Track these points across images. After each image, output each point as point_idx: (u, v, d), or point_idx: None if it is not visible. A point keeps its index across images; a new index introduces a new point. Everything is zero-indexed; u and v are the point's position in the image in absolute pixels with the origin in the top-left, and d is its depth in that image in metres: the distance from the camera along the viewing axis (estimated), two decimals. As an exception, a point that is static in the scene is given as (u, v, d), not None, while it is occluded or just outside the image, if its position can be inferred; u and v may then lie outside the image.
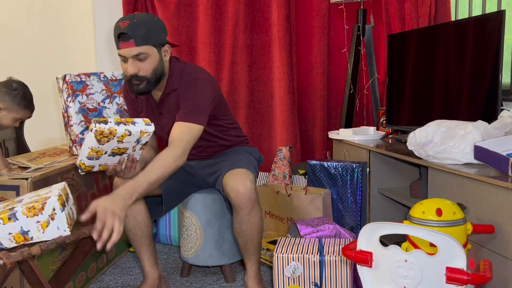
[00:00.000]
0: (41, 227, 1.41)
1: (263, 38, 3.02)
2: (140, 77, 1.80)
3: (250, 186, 1.78)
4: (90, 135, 1.54)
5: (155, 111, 1.96)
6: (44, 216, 1.40)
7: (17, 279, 1.69)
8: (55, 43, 3.33)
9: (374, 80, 2.90)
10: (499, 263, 1.43)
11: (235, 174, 1.81)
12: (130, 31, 1.73)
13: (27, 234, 1.40)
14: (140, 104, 1.99)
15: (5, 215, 1.38)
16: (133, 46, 1.75)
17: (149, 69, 1.80)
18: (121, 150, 1.64)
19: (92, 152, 1.57)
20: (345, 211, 2.37)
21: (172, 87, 1.89)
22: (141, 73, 1.79)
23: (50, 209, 1.41)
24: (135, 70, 1.78)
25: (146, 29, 1.76)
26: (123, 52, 1.77)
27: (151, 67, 1.80)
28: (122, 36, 1.75)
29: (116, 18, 3.07)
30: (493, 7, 2.46)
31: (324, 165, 2.40)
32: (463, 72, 2.01)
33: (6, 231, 1.38)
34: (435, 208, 1.38)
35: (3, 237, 1.39)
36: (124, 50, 1.76)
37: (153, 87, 1.85)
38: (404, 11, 2.75)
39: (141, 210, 1.91)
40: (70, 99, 2.14)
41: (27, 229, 1.40)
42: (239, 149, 2.10)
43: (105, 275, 2.21)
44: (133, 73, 1.78)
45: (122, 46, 1.76)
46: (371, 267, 1.26)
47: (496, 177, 1.45)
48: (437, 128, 1.72)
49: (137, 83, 1.81)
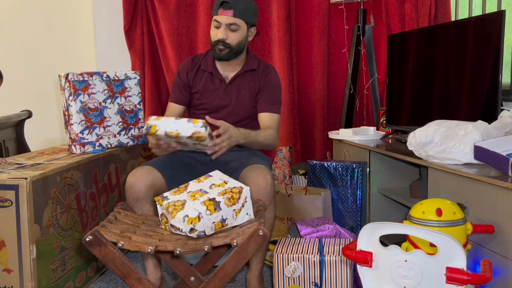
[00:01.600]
0: (235, 214, 1.55)
1: (263, 38, 3.02)
2: (226, 43, 2.03)
3: (270, 181, 1.83)
4: (189, 129, 1.67)
5: (221, 87, 2.14)
6: (239, 204, 1.55)
7: (17, 279, 1.69)
8: (55, 43, 3.33)
9: (374, 80, 2.90)
10: (499, 263, 1.43)
11: (256, 168, 1.86)
12: (232, 2, 1.99)
13: (224, 222, 1.53)
14: (198, 80, 2.16)
15: (212, 206, 1.49)
16: (231, 16, 2.01)
17: (235, 40, 2.04)
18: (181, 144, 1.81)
19: (172, 134, 1.70)
20: (345, 211, 2.36)
21: (250, 66, 2.13)
22: (228, 40, 2.03)
23: (244, 197, 1.56)
24: (224, 36, 2.02)
25: (245, 6, 2.03)
26: (220, 18, 2.01)
27: (238, 38, 2.05)
28: (224, 4, 1.99)
29: (116, 18, 3.08)
30: (493, 7, 2.46)
31: (324, 165, 2.40)
32: (463, 72, 2.01)
33: (211, 221, 1.50)
34: (435, 208, 1.38)
35: (207, 226, 1.49)
36: (222, 17, 2.01)
37: (233, 56, 2.08)
38: (404, 11, 2.75)
39: (150, 211, 1.91)
40: (72, 98, 2.14)
41: (226, 217, 1.53)
42: (254, 150, 2.15)
43: (105, 275, 2.21)
44: (222, 38, 2.02)
45: (221, 13, 2.01)
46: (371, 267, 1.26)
47: (496, 177, 1.45)
48: (437, 128, 1.72)
49: (222, 48, 2.04)
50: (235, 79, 2.13)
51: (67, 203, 1.92)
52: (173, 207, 1.50)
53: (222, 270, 1.45)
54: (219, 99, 2.13)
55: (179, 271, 1.67)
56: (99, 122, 2.23)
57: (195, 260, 1.90)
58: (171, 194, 1.59)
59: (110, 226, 1.56)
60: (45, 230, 1.75)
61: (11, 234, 1.67)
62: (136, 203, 1.84)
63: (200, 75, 2.18)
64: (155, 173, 1.89)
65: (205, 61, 2.18)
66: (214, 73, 2.14)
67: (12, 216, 1.67)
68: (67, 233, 1.92)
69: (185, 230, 1.47)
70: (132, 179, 1.85)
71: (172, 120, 1.70)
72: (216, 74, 2.14)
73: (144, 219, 1.71)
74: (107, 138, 2.26)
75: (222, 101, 2.13)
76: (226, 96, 2.13)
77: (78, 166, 1.99)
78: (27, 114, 2.82)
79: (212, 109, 2.14)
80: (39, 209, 1.72)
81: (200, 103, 2.17)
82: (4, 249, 1.68)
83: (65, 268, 1.90)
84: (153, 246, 1.40)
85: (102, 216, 2.20)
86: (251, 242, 1.41)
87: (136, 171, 1.88)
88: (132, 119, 2.35)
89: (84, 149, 2.18)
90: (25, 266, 1.68)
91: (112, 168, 2.29)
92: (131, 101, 2.34)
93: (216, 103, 2.13)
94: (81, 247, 2.01)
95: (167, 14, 3.00)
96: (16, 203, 1.66)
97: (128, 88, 2.33)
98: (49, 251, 1.78)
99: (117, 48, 3.12)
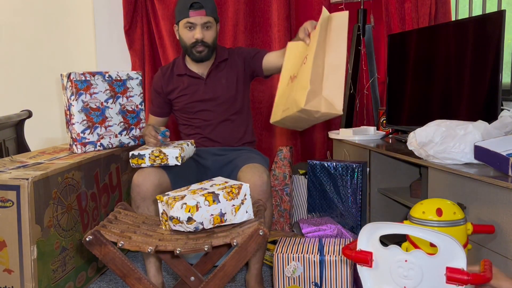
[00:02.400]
0: (234, 210, 1.55)
1: (263, 38, 3.01)
2: (205, 43, 2.08)
3: (266, 180, 1.85)
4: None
5: (199, 83, 2.17)
6: (238, 200, 1.55)
7: (18, 279, 1.69)
8: (55, 43, 3.33)
9: (374, 80, 2.90)
10: (499, 263, 1.44)
11: (252, 167, 1.88)
12: (202, 2, 2.03)
13: (223, 217, 1.53)
14: (175, 86, 2.19)
15: (210, 197, 1.50)
16: (204, 15, 2.05)
17: (211, 38, 2.09)
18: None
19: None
20: (345, 211, 2.37)
21: (222, 57, 2.17)
22: (206, 39, 2.08)
23: (243, 194, 1.56)
24: (202, 36, 2.06)
25: (213, 3, 2.09)
26: (194, 19, 2.04)
27: (212, 36, 2.10)
28: (195, 5, 2.03)
29: (116, 18, 3.08)
30: (493, 7, 2.46)
31: (324, 165, 2.40)
32: (463, 72, 2.01)
33: (210, 213, 1.50)
34: (435, 208, 1.38)
35: (206, 218, 1.50)
36: (195, 17, 2.04)
37: (211, 55, 2.13)
38: (404, 11, 2.75)
39: (155, 211, 1.92)
40: (74, 98, 2.14)
41: (224, 212, 1.53)
42: (252, 149, 2.20)
43: (105, 275, 2.22)
44: (201, 38, 2.06)
45: (193, 14, 2.04)
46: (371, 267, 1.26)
47: (496, 177, 1.45)
48: (437, 128, 1.72)
49: (201, 50, 2.08)
50: (210, 73, 2.17)
51: (68, 203, 1.92)
52: (173, 199, 1.51)
53: (222, 270, 1.45)
54: (201, 94, 2.17)
55: (179, 271, 1.67)
56: (100, 122, 2.23)
57: (195, 260, 1.90)
58: (172, 193, 1.60)
59: (110, 226, 1.57)
60: (46, 230, 1.76)
61: (12, 235, 1.67)
62: (143, 202, 1.85)
63: (176, 81, 2.20)
64: (162, 173, 1.90)
65: (177, 67, 2.21)
66: (190, 74, 2.17)
67: (13, 217, 1.67)
68: (68, 234, 1.92)
69: (183, 218, 1.47)
70: (139, 178, 1.86)
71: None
72: (192, 74, 2.17)
73: (144, 219, 1.72)
74: (108, 138, 2.26)
75: (205, 95, 2.16)
76: (207, 90, 2.16)
77: (79, 166, 1.99)
78: (27, 114, 2.82)
79: (197, 107, 2.17)
80: (40, 209, 1.72)
81: (183, 106, 2.19)
82: (5, 250, 1.68)
83: (66, 269, 1.90)
84: (153, 246, 1.40)
85: (103, 216, 2.21)
86: (251, 242, 1.42)
87: (143, 170, 1.89)
88: (133, 119, 2.35)
89: (85, 148, 2.18)
90: (26, 266, 1.68)
91: (113, 168, 2.30)
92: (133, 101, 2.35)
93: (200, 99, 2.16)
94: (82, 248, 2.01)
95: (167, 14, 3.00)
96: (17, 204, 1.66)
97: (130, 88, 2.33)
98: (50, 252, 1.79)
99: (117, 48, 3.12)
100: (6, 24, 3.32)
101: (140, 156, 1.87)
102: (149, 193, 1.84)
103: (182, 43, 2.13)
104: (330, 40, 1.62)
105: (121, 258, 1.45)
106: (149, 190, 1.84)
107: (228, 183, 1.60)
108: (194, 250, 1.40)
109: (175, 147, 1.91)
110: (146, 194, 1.84)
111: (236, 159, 2.07)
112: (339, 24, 1.63)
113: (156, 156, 1.88)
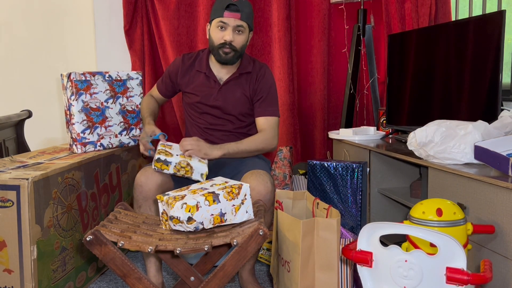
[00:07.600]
0: (235, 210, 1.54)
1: (263, 38, 3.02)
2: (233, 46, 2.04)
3: (271, 189, 1.84)
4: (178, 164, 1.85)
5: (215, 87, 2.14)
6: (238, 200, 1.54)
7: (18, 279, 1.69)
8: (55, 43, 3.33)
9: (374, 80, 2.90)
10: (499, 263, 1.44)
11: (257, 174, 1.86)
12: (240, 5, 2.01)
13: (223, 216, 1.53)
14: (191, 80, 2.17)
15: (210, 197, 1.50)
16: (238, 18, 2.01)
17: (240, 43, 2.06)
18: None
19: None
20: (345, 211, 2.37)
21: (245, 69, 2.13)
22: (234, 43, 2.04)
23: (243, 194, 1.56)
24: (232, 39, 2.02)
25: (250, 10, 2.06)
26: (228, 20, 2.01)
27: (242, 42, 2.06)
28: (231, 6, 2.00)
29: (116, 18, 3.08)
30: (493, 7, 2.46)
31: (324, 165, 2.40)
32: (463, 72, 2.01)
33: (210, 212, 1.50)
34: (435, 208, 1.38)
35: (206, 218, 1.50)
36: (229, 19, 2.01)
37: (236, 60, 2.09)
38: (404, 11, 2.75)
39: (156, 211, 1.92)
40: (74, 98, 2.14)
41: (225, 212, 1.52)
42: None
43: (105, 275, 2.22)
44: (230, 40, 2.02)
45: (227, 15, 2.01)
46: (371, 267, 1.26)
47: (496, 177, 1.45)
48: (437, 128, 1.72)
49: (228, 51, 2.04)
50: (229, 81, 2.13)
51: (68, 203, 1.92)
52: (173, 199, 1.50)
53: (222, 269, 1.45)
54: (212, 100, 2.13)
55: (179, 271, 1.67)
56: (100, 122, 2.23)
57: (195, 260, 1.91)
58: (172, 192, 1.60)
59: (111, 226, 1.57)
60: (46, 230, 1.76)
61: (12, 235, 1.67)
62: (145, 202, 1.85)
63: (193, 76, 2.18)
64: (164, 174, 1.90)
65: (199, 62, 2.18)
66: (209, 74, 2.15)
67: (13, 217, 1.67)
68: (68, 234, 1.92)
69: (183, 218, 1.47)
70: (142, 178, 1.86)
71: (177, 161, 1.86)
72: (210, 75, 2.15)
73: (144, 218, 1.72)
74: (108, 138, 2.26)
75: (215, 101, 2.13)
76: (219, 97, 2.13)
77: (79, 166, 1.99)
78: (27, 114, 2.82)
79: (204, 110, 2.16)
80: (40, 209, 1.72)
81: (193, 102, 2.18)
82: (5, 250, 1.68)
83: (66, 269, 1.90)
84: (153, 246, 1.40)
85: (103, 216, 2.21)
86: (251, 242, 1.42)
87: (146, 170, 1.89)
88: (133, 119, 2.36)
89: (85, 148, 2.19)
90: (26, 266, 1.68)
91: (113, 168, 2.30)
92: (133, 101, 2.35)
93: (210, 104, 2.14)
94: (82, 248, 2.02)
95: (167, 14, 3.00)
96: (17, 204, 1.66)
97: (130, 88, 2.33)
98: (50, 252, 1.79)
99: (117, 48, 3.12)
100: (6, 24, 3.33)
101: (165, 162, 1.83)
102: (151, 193, 1.84)
103: (210, 42, 2.10)
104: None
105: (121, 258, 1.45)
106: (151, 190, 1.84)
107: (228, 183, 1.60)
108: (194, 250, 1.40)
109: (201, 161, 1.89)
110: (149, 194, 1.84)
111: (239, 163, 2.06)
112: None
113: (182, 167, 1.84)
